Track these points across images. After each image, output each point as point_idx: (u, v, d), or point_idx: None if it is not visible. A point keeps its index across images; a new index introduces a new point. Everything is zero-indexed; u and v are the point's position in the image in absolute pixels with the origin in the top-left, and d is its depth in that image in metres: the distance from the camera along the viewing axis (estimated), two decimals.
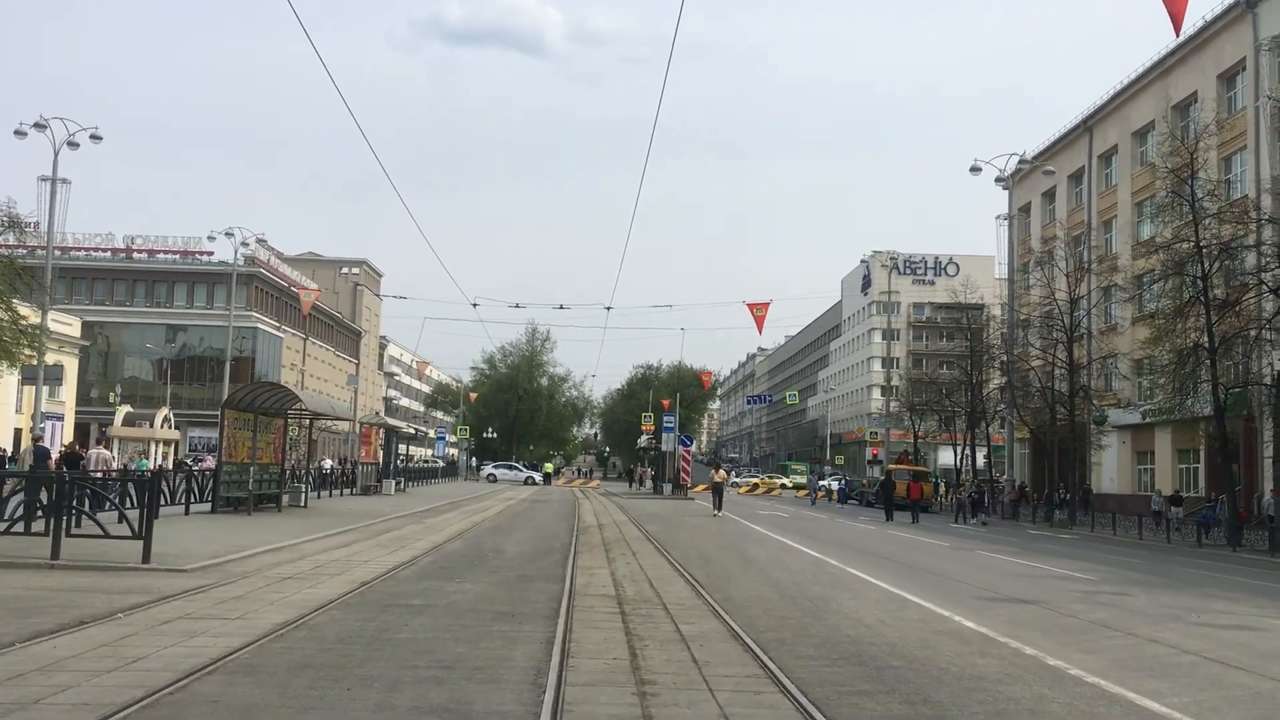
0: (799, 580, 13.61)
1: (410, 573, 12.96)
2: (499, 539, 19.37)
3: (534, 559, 15.48)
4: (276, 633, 8.20)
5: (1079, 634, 9.81)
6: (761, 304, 29.70)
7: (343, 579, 11.95)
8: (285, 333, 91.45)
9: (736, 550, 18.78)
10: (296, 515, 23.55)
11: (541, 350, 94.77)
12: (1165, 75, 47.49)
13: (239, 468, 22.87)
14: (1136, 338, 46.78)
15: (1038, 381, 45.12)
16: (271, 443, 25.28)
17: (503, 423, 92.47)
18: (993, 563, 18.52)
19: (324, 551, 15.40)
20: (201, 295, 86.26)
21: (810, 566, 15.77)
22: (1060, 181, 56.96)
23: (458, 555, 15.68)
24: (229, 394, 22.93)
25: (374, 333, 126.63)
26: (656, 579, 13.09)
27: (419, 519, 24.85)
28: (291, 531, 18.41)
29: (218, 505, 22.49)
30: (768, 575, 14.13)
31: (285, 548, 15.72)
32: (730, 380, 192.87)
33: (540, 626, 8.96)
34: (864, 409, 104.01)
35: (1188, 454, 44.76)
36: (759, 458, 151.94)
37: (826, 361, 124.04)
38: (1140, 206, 49.69)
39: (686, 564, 15.23)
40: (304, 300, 52.89)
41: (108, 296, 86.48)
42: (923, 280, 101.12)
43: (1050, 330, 46.50)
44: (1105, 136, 53.33)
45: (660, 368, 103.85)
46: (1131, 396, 47.28)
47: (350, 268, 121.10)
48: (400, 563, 14.01)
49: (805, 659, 7.89)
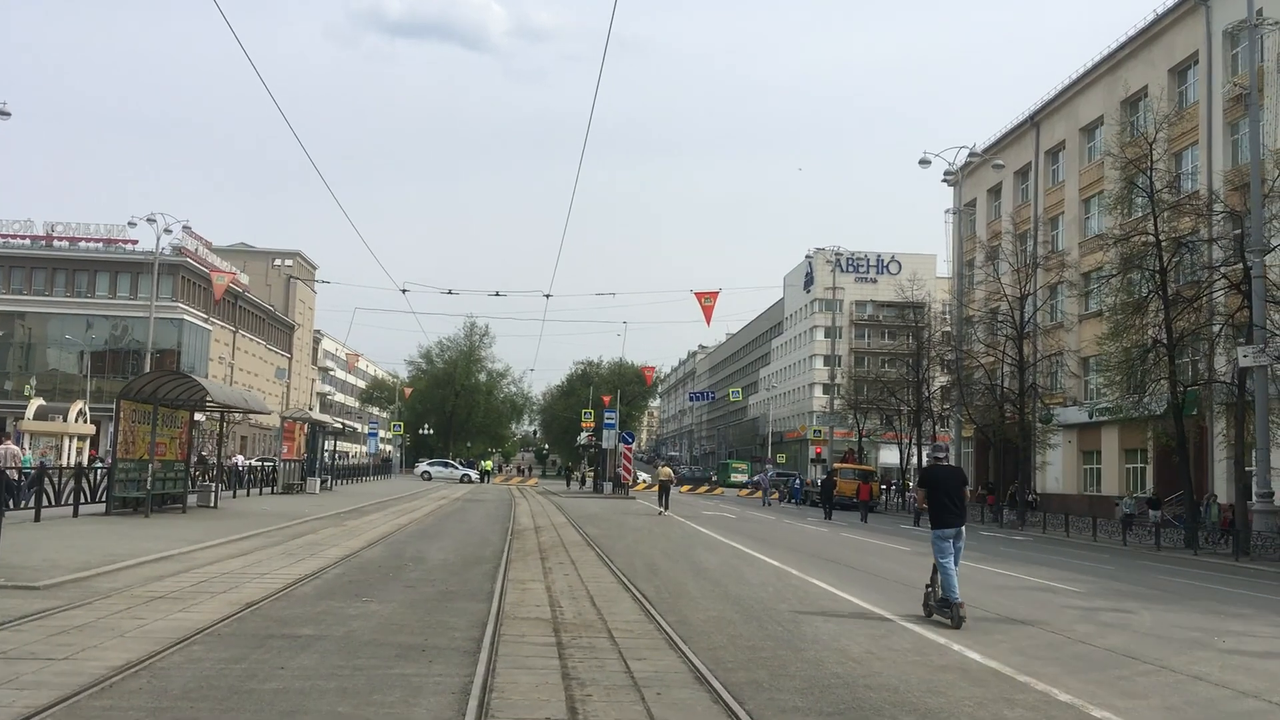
0: (761, 596, 11.95)
1: (310, 589, 11.05)
2: (424, 545, 17.48)
3: (460, 569, 13.66)
4: (104, 683, 6.27)
5: (1105, 668, 8.26)
6: (710, 293, 28.06)
7: (225, 599, 10.03)
8: (214, 325, 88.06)
9: (686, 557, 17.10)
10: (202, 517, 21.41)
11: (479, 345, 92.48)
12: (1115, 70, 46.88)
13: (137, 465, 20.68)
14: (1084, 335, 46.18)
15: (985, 379, 44.19)
16: (177, 438, 23.09)
17: (439, 419, 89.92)
18: (964, 571, 17.04)
19: (217, 561, 13.42)
20: (125, 285, 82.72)
21: (771, 578, 14.13)
22: (1007, 177, 56.28)
23: (373, 565, 13.78)
24: (126, 383, 20.65)
25: (308, 327, 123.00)
26: (599, 595, 11.36)
27: (340, 520, 22.84)
28: (187, 537, 16.36)
29: (112, 506, 20.30)
30: (725, 590, 12.45)
31: (174, 557, 13.72)
32: (671, 378, 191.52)
33: (455, 666, 7.16)
34: (806, 407, 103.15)
35: (1135, 454, 44.18)
36: (699, 456, 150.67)
37: (768, 359, 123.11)
38: (1088, 202, 49.11)
39: (632, 575, 13.53)
40: (217, 284, 49.95)
41: (25, 285, 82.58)
42: (865, 278, 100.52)
43: (997, 327, 45.64)
44: (1053, 132, 52.67)
45: (601, 364, 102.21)
46: (1078, 395, 46.64)
47: (283, 259, 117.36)
48: (302, 575, 12.09)
49: (794, 713, 6.21)
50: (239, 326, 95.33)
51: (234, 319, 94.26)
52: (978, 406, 45.19)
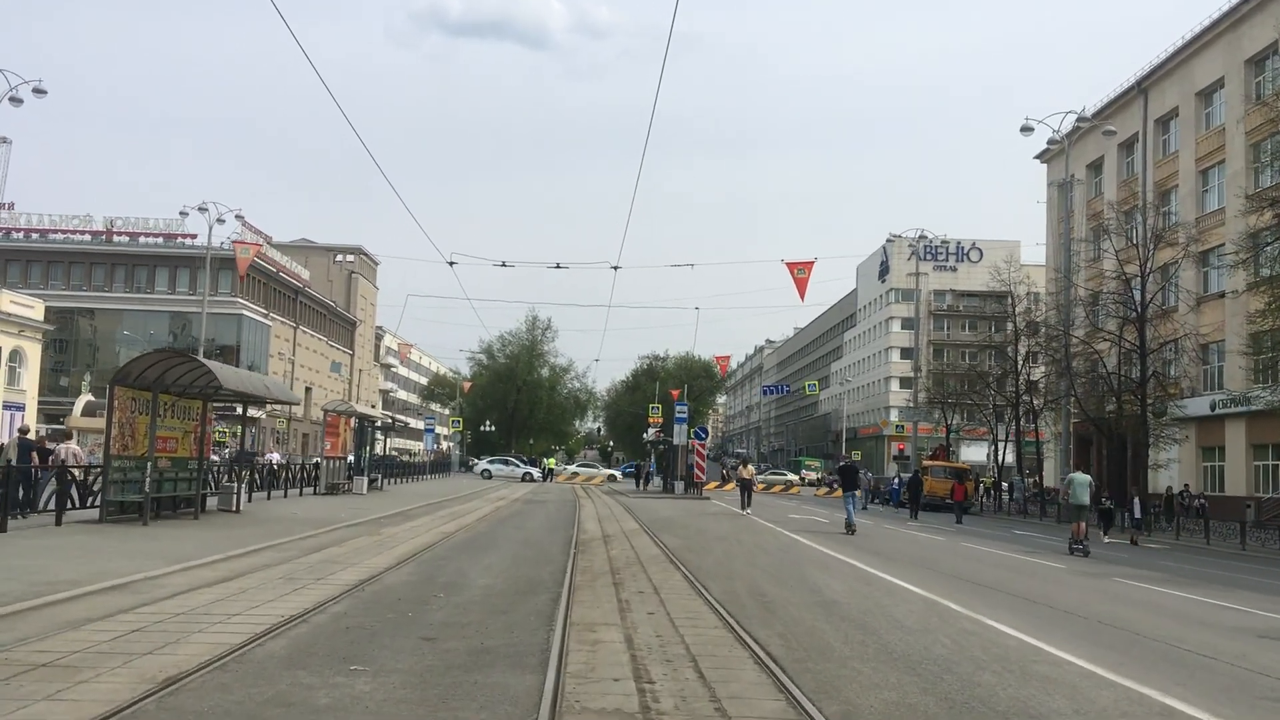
0: (939, 654, 8.18)
1: (281, 646, 7.54)
2: (467, 562, 14.00)
3: (506, 604, 10.11)
4: None
5: None
6: (804, 263, 24.11)
7: (138, 670, 6.55)
8: (274, 320, 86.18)
9: (799, 580, 13.36)
10: (214, 525, 18.20)
11: (542, 339, 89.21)
12: (1236, 27, 42.21)
13: (136, 464, 17.53)
14: (1205, 319, 41.46)
15: (1103, 367, 39.65)
16: (191, 431, 19.96)
17: (501, 415, 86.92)
18: (1178, 605, 13.06)
19: (187, 592, 10.04)
20: (184, 280, 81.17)
21: (930, 618, 10.34)
22: (1110, 151, 51.56)
23: (390, 598, 10.26)
24: (122, 366, 17.52)
25: (370, 323, 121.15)
26: (704, 653, 7.72)
27: (377, 528, 19.51)
28: (174, 553, 13.08)
29: (105, 513, 17.18)
30: (882, 641, 8.70)
31: (133, 585, 10.40)
32: (737, 374, 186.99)
33: None
34: (882, 402, 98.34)
35: (1265, 449, 39.57)
36: (767, 453, 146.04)
37: (840, 353, 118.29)
38: (1206, 174, 44.37)
39: (740, 613, 9.86)
40: (240, 258, 47.07)
41: (85, 281, 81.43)
42: (944, 266, 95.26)
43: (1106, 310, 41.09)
44: (1163, 99, 47.91)
45: (667, 358, 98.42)
46: (1197, 384, 41.91)
47: (345, 255, 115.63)
48: (283, 619, 8.60)
49: None
50: (300, 322, 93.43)
51: (294, 315, 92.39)
52: (1095, 397, 40.71)
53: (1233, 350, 39.78)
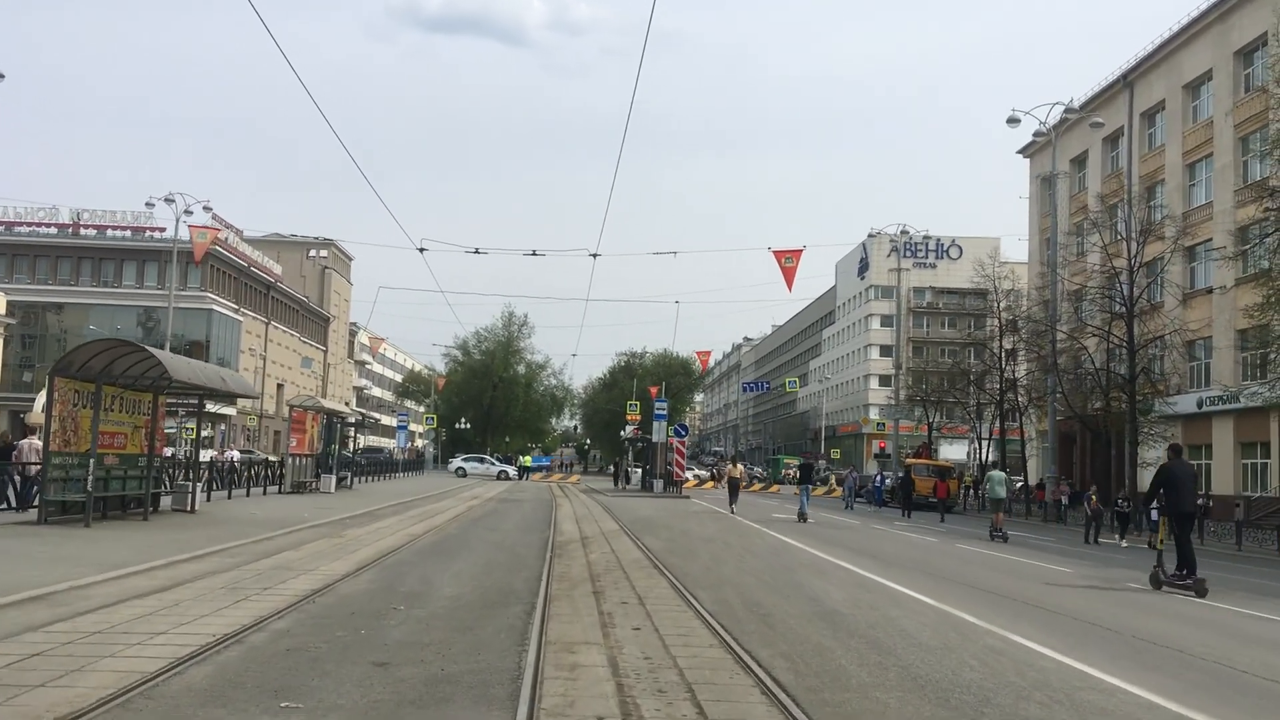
0: (967, 678, 7.13)
1: (203, 676, 6.38)
2: (433, 568, 12.87)
3: (473, 619, 9.00)
4: None
5: None
6: (792, 251, 23.00)
7: (17, 708, 5.43)
8: (245, 316, 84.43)
9: (795, 588, 12.31)
10: (164, 527, 16.98)
11: (518, 335, 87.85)
12: (1225, 18, 41.56)
13: (79, 460, 16.29)
14: (1192, 315, 40.78)
15: (1090, 364, 38.89)
16: (141, 426, 18.71)
17: (476, 413, 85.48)
18: (1219, 619, 12.05)
19: (113, 605, 8.88)
20: (153, 274, 79.31)
21: (947, 631, 9.30)
22: (1094, 145, 50.98)
23: (343, 613, 9.12)
24: (64, 355, 16.28)
25: (344, 319, 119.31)
26: (701, 679, 6.65)
27: (342, 529, 18.36)
28: (109, 559, 11.88)
29: (45, 513, 15.94)
30: (901, 662, 7.65)
31: (54, 595, 9.23)
32: (715, 371, 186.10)
33: None
34: (861, 400, 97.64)
35: (1253, 447, 38.95)
36: (744, 451, 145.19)
37: (819, 350, 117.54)
38: (1193, 167, 43.70)
39: (736, 628, 8.80)
40: (197, 243, 45.58)
41: (51, 275, 79.47)
42: (924, 263, 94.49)
43: (1093, 305, 40.37)
44: (1150, 91, 47.24)
45: (645, 355, 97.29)
46: (1183, 382, 41.24)
47: (317, 249, 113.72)
48: (214, 639, 7.44)
49: None
50: (271, 318, 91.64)
51: (266, 310, 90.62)
52: (1081, 393, 39.99)
53: (1220, 346, 39.20)
